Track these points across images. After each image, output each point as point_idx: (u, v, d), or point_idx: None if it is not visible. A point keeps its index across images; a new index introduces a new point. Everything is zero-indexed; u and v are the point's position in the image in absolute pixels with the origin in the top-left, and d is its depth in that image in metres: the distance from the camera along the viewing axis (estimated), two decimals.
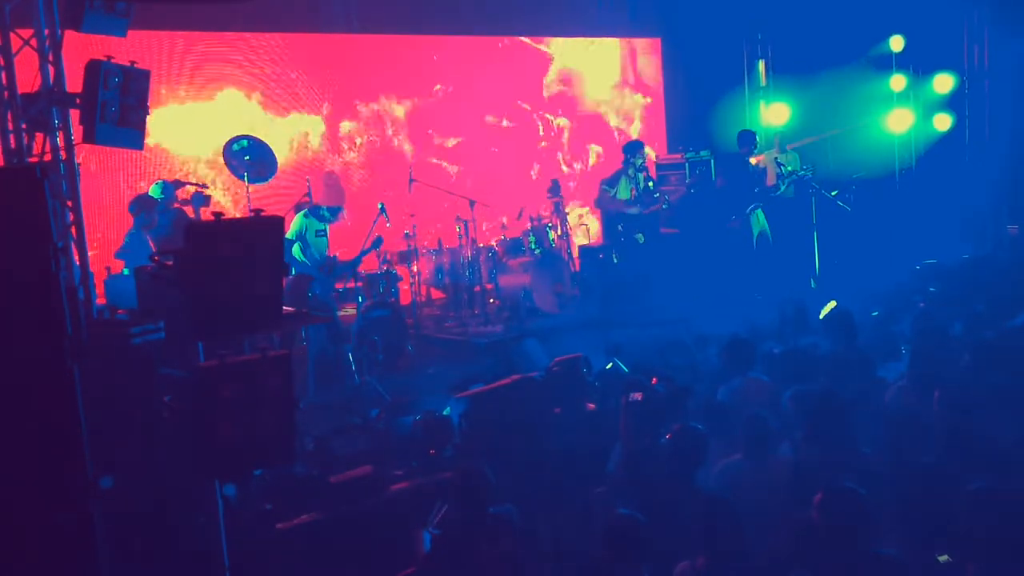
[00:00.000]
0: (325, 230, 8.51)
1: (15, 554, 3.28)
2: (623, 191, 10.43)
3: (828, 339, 7.01)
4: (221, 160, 8.90)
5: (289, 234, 8.37)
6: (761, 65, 13.99)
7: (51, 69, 5.63)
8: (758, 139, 11.38)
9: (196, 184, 9.12)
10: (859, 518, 3.95)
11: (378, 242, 8.87)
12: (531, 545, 4.76)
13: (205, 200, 8.85)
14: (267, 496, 5.71)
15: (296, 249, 8.34)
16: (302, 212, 8.45)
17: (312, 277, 8.27)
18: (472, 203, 10.33)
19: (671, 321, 10.05)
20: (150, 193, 8.61)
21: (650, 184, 10.66)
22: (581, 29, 13.17)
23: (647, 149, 10.71)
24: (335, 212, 8.52)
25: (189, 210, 8.80)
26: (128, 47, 7.09)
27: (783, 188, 11.07)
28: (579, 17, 12.75)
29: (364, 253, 8.81)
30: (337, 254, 8.73)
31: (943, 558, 4.01)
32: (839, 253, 11.40)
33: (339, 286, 8.94)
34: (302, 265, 8.31)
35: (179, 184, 9.03)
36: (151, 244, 7.90)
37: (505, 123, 12.64)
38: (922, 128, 13.52)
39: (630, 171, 10.46)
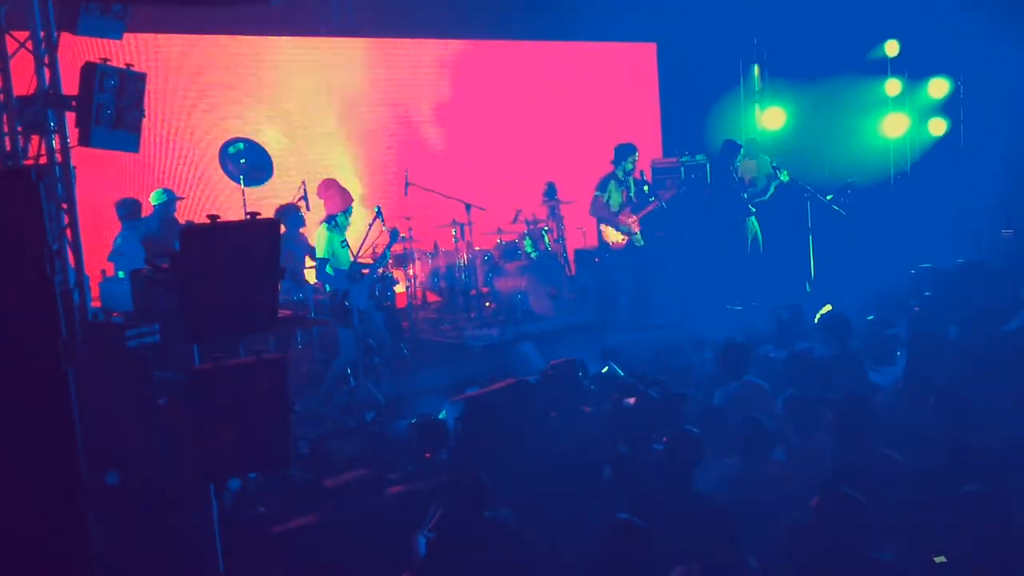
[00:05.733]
0: (345, 238, 8.41)
1: (9, 556, 3.27)
2: (614, 195, 10.39)
3: (823, 343, 7.03)
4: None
5: (322, 253, 8.18)
6: (756, 69, 14.03)
7: (47, 72, 5.61)
8: (743, 149, 11.40)
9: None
10: (856, 522, 3.96)
11: (395, 234, 8.75)
12: (526, 549, 4.75)
13: None
14: (262, 499, 5.70)
15: (328, 268, 8.22)
16: (324, 228, 8.28)
17: (346, 290, 8.17)
18: (468, 206, 10.33)
19: (667, 325, 10.07)
20: (151, 200, 8.64)
21: (644, 188, 10.64)
22: (577, 33, 13.18)
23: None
24: (348, 214, 8.45)
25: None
26: (127, 50, 7.09)
27: (771, 191, 11.10)
28: (575, 22, 12.75)
29: (388, 248, 8.71)
30: (356, 258, 8.64)
31: (939, 559, 4.02)
32: (834, 257, 11.42)
33: None
34: (335, 281, 8.22)
35: (180, 197, 9.04)
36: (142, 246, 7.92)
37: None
38: (917, 133, 13.55)
39: (619, 174, 10.42)
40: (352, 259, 8.35)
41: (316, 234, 8.32)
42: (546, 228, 11.18)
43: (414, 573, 4.59)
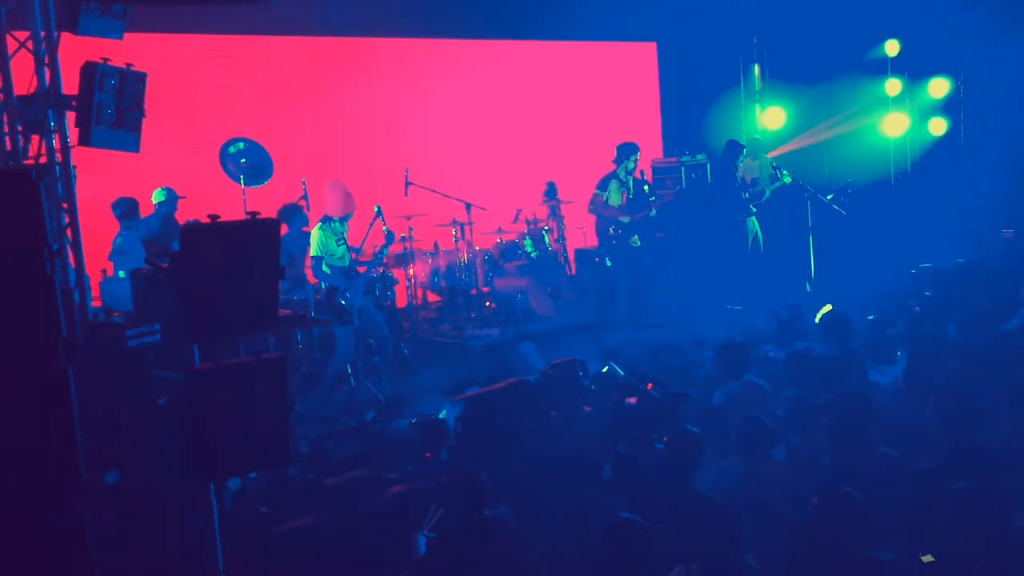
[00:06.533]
0: (343, 238, 8.45)
1: (9, 556, 3.27)
2: (614, 195, 10.38)
3: (823, 343, 7.03)
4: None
5: (315, 251, 8.25)
6: (756, 69, 14.03)
7: (47, 71, 5.62)
8: (745, 149, 11.41)
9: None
10: (856, 522, 3.96)
11: (390, 237, 8.80)
12: (526, 548, 4.76)
13: None
14: (262, 499, 5.71)
15: (324, 266, 8.27)
16: (319, 227, 8.32)
17: (343, 288, 8.20)
18: (468, 206, 10.32)
19: (667, 325, 10.07)
20: (153, 199, 8.64)
21: (645, 188, 10.62)
22: (576, 34, 13.18)
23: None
24: (346, 220, 8.49)
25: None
26: (128, 50, 7.08)
27: (768, 193, 11.11)
28: (575, 22, 12.76)
29: (383, 249, 8.73)
30: (356, 256, 8.66)
31: (927, 558, 4.03)
32: (835, 257, 11.42)
33: None
34: (330, 279, 8.25)
35: (181, 196, 9.03)
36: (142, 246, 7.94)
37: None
38: (917, 132, 13.56)
39: (621, 174, 10.41)
40: (352, 258, 8.37)
41: (312, 232, 8.36)
42: (546, 228, 11.19)
43: (414, 573, 4.60)
